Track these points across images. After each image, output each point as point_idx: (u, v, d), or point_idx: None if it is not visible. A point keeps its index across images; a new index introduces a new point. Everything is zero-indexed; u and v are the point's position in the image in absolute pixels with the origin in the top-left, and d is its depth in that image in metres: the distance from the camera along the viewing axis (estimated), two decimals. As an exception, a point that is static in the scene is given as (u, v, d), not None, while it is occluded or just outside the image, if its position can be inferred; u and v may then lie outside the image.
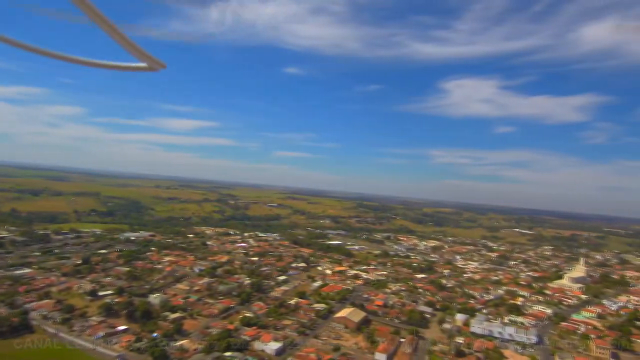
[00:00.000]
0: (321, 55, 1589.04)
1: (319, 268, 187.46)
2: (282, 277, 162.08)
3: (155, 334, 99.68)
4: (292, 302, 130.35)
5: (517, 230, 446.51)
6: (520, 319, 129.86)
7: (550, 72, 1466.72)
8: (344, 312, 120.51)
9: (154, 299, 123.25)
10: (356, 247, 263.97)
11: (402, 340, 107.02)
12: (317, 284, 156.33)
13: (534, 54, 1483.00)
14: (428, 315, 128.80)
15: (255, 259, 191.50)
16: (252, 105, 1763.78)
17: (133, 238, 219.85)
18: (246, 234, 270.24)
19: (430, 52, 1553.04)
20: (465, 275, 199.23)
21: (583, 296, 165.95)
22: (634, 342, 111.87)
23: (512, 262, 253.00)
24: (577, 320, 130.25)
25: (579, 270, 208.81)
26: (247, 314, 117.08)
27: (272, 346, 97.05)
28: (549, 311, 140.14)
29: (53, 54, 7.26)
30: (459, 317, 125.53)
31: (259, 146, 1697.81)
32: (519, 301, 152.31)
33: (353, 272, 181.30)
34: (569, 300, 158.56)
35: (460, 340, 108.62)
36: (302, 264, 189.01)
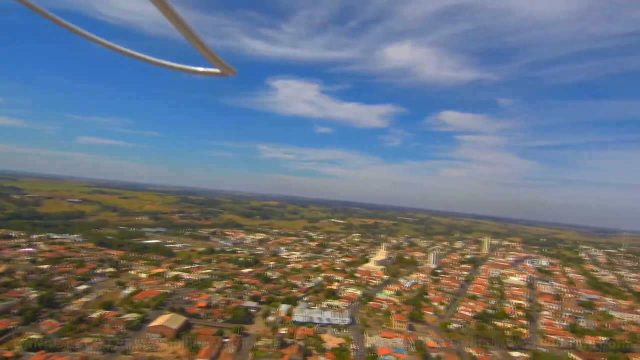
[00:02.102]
0: (140, 33, 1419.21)
1: (132, 272, 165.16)
2: (83, 287, 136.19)
3: None
4: (95, 315, 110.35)
5: (333, 220, 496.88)
6: (336, 302, 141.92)
7: (361, 82, 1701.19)
8: (160, 320, 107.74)
9: None
10: (178, 245, 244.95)
11: (226, 340, 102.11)
12: (128, 290, 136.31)
13: (348, 65, 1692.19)
14: (253, 310, 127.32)
15: (46, 266, 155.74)
16: (49, 80, 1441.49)
17: None
18: (35, 237, 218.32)
19: (260, 49, 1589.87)
20: (289, 265, 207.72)
21: (385, 276, 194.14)
22: (424, 314, 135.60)
23: (329, 250, 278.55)
24: (381, 299, 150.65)
25: (381, 253, 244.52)
26: (33, 336, 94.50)
27: (64, 374, 78.61)
28: (359, 293, 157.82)
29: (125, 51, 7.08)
30: (283, 308, 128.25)
31: (57, 130, 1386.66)
32: (335, 286, 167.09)
33: (173, 273, 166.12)
34: (374, 281, 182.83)
35: (283, 331, 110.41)
36: (110, 269, 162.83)
